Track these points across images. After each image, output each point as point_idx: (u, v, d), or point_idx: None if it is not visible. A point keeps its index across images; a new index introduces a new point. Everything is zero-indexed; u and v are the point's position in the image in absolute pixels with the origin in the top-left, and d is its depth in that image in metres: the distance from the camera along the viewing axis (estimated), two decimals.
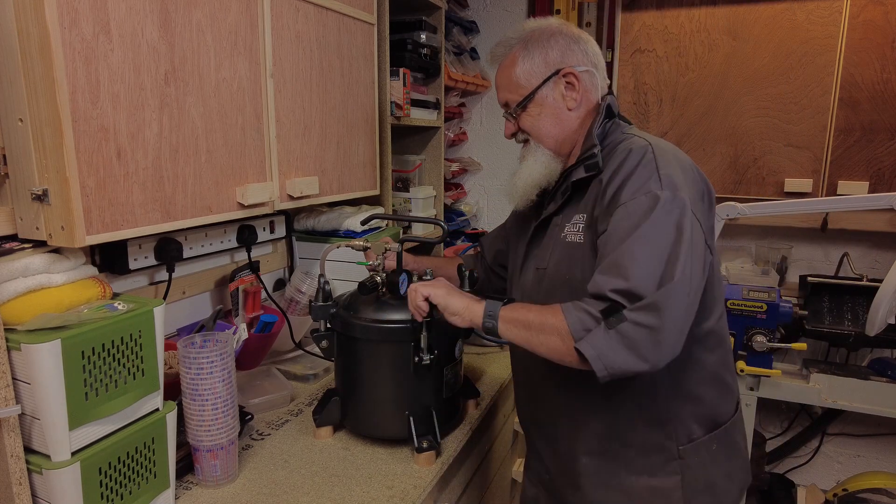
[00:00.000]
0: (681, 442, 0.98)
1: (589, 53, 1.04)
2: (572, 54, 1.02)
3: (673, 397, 0.98)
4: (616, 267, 0.83)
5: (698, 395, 0.99)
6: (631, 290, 0.81)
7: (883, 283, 1.42)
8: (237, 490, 1.00)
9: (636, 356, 0.81)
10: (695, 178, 0.92)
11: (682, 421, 0.98)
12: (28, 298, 0.81)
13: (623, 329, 0.81)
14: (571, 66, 1.02)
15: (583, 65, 1.03)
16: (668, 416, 0.98)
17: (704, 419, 1.00)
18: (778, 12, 1.93)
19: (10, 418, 0.75)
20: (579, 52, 1.03)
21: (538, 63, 1.02)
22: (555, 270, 1.01)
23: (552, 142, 1.04)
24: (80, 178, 0.80)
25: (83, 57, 0.79)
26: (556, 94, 1.03)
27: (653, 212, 0.84)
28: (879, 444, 2.09)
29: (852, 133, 1.91)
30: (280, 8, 1.13)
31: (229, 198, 1.05)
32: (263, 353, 1.35)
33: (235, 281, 1.34)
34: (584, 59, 1.03)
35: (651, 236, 0.83)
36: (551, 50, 1.02)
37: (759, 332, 1.65)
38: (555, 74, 1.02)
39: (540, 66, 1.02)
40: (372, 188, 1.52)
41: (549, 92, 1.03)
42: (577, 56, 1.03)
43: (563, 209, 1.03)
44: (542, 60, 1.02)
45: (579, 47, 1.03)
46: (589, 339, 0.83)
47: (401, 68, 1.65)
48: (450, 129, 2.26)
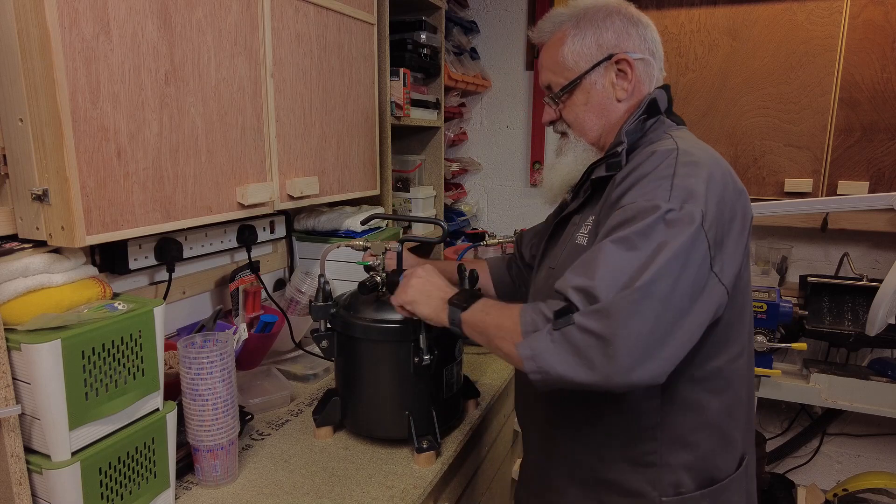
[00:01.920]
0: (665, 492, 0.87)
1: (647, 40, 0.93)
2: (629, 39, 0.92)
3: (662, 439, 0.86)
4: (586, 265, 0.76)
5: (693, 442, 0.86)
6: (590, 290, 0.73)
7: (883, 283, 1.42)
8: (237, 490, 1.00)
9: (581, 364, 0.73)
10: (725, 196, 0.79)
11: (670, 468, 0.87)
12: (28, 298, 0.81)
13: (568, 332, 0.73)
14: (626, 51, 0.91)
15: (639, 52, 0.92)
16: (655, 460, 0.87)
17: (698, 472, 0.87)
18: (778, 12, 1.93)
19: (10, 418, 0.75)
20: (637, 37, 0.92)
21: (590, 44, 0.92)
22: (560, 272, 0.90)
23: (594, 135, 0.95)
24: (80, 178, 0.80)
25: (83, 57, 0.79)
26: (606, 81, 0.92)
27: (645, 219, 0.75)
28: (879, 444, 2.09)
29: (852, 133, 1.91)
30: (280, 8, 1.13)
31: (229, 198, 1.05)
32: (263, 353, 1.35)
33: (235, 281, 1.34)
34: (641, 46, 0.92)
35: (633, 241, 0.74)
36: (606, 31, 0.92)
37: (760, 332, 1.65)
38: (606, 59, 0.91)
39: (591, 48, 0.92)
40: (372, 188, 1.52)
41: (598, 78, 0.93)
42: (634, 41, 0.92)
43: (583, 208, 0.96)
44: (594, 42, 0.92)
45: (637, 31, 0.92)
46: (530, 339, 0.77)
47: (401, 68, 1.65)
48: (450, 129, 2.27)
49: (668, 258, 0.72)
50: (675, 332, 0.72)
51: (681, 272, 0.72)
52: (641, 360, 0.71)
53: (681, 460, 0.87)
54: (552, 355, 0.74)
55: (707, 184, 0.77)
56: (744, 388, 0.90)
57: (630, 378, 0.71)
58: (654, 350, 0.71)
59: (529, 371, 0.77)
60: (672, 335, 0.72)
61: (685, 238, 0.73)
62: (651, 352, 0.71)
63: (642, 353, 0.71)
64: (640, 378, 0.71)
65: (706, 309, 0.75)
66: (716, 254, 0.76)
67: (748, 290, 0.88)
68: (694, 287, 0.73)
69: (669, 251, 0.72)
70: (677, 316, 0.72)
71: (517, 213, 2.42)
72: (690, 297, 0.73)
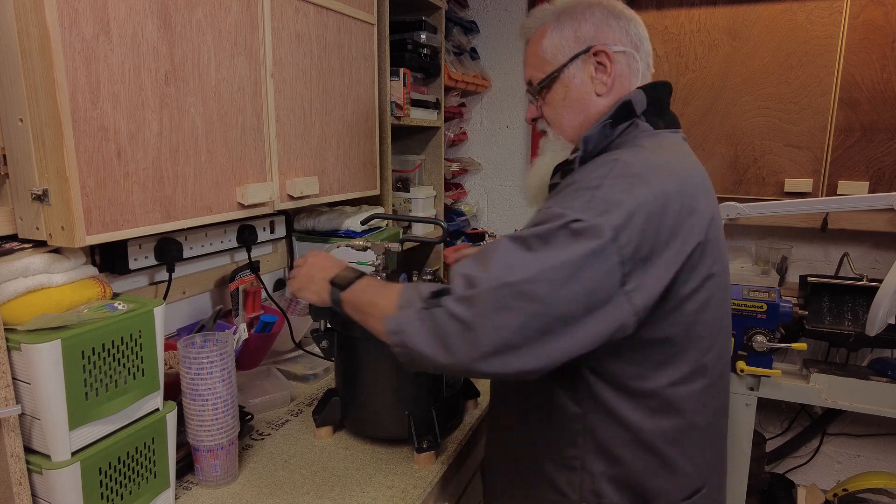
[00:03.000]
0: (585, 498, 0.85)
1: (630, 33, 0.89)
2: (609, 30, 0.88)
3: (585, 446, 0.85)
4: (483, 256, 0.76)
5: (618, 456, 0.83)
6: (473, 279, 0.73)
7: (883, 283, 1.41)
8: (237, 490, 1.00)
9: (441, 345, 0.73)
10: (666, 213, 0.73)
11: (591, 476, 0.85)
12: (28, 298, 0.81)
13: (436, 313, 0.74)
14: (605, 43, 0.88)
15: (620, 44, 0.88)
16: (577, 465, 0.85)
17: (624, 486, 0.84)
18: (778, 12, 1.93)
19: (10, 418, 0.75)
20: (618, 29, 0.88)
21: (568, 36, 0.89)
22: None
23: (572, 132, 0.92)
24: (80, 178, 0.80)
25: (83, 57, 0.79)
26: (585, 75, 0.89)
27: (549, 224, 0.73)
28: (879, 444, 2.09)
29: (852, 133, 1.91)
30: (280, 8, 1.13)
31: (229, 198, 1.05)
32: (263, 353, 1.35)
33: (235, 281, 1.34)
34: (622, 38, 0.88)
35: (530, 243, 0.73)
36: (584, 23, 0.89)
37: (759, 332, 1.65)
38: (584, 52, 0.88)
39: (569, 41, 0.89)
40: (372, 188, 1.52)
41: (576, 72, 0.89)
42: (615, 33, 0.88)
43: None
44: (572, 34, 0.89)
45: (619, 24, 0.89)
46: (399, 314, 0.78)
47: (401, 68, 1.64)
48: (450, 129, 2.26)
49: (557, 265, 0.70)
50: (554, 334, 0.71)
51: (568, 281, 0.70)
52: (501, 353, 0.71)
53: (603, 471, 0.84)
54: (416, 333, 0.75)
55: (637, 198, 0.72)
56: (700, 416, 0.84)
57: (486, 367, 0.72)
58: (520, 345, 0.70)
59: (392, 345, 0.78)
60: (550, 337, 0.71)
61: (584, 250, 0.70)
62: (516, 346, 0.70)
63: (503, 345, 0.70)
64: (497, 369, 0.72)
65: (604, 324, 0.72)
66: (632, 271, 0.72)
67: (709, 310, 0.81)
68: (590, 298, 0.71)
69: (559, 258, 0.70)
70: (560, 321, 0.71)
71: (517, 213, 2.42)
72: (585, 307, 0.71)
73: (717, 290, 0.82)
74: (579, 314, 0.71)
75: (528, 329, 0.70)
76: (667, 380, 0.81)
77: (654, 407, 0.81)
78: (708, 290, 0.80)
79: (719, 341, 0.86)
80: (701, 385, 0.83)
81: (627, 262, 0.71)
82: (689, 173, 0.80)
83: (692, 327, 0.80)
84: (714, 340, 0.84)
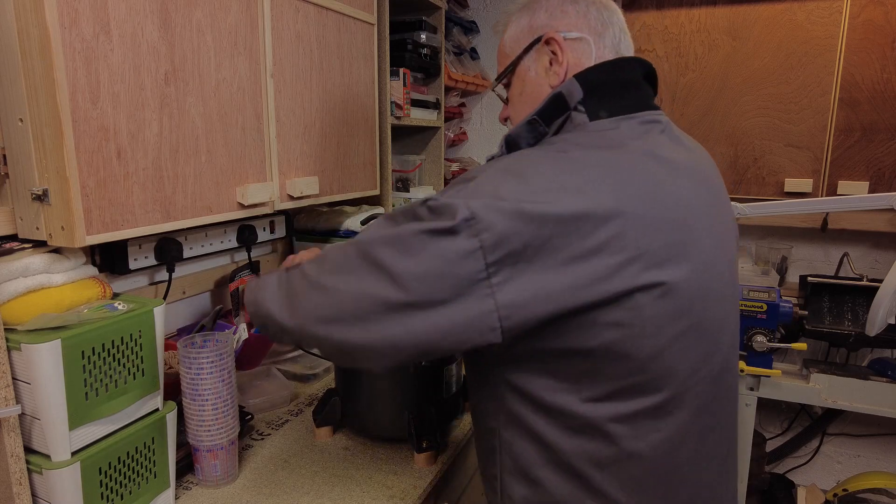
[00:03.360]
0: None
1: (590, 17, 0.80)
2: (563, 16, 0.80)
3: (502, 464, 0.77)
4: None
5: (536, 478, 0.73)
6: None
7: (883, 283, 1.41)
8: (237, 490, 1.00)
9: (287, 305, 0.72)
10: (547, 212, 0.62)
11: (510, 499, 0.77)
12: (28, 298, 0.81)
13: (292, 274, 0.75)
14: (558, 30, 0.79)
15: (576, 30, 0.79)
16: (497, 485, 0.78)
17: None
18: (778, 12, 1.93)
19: (10, 418, 0.75)
20: (574, 14, 0.80)
21: (524, 27, 0.83)
22: None
23: None
24: (80, 178, 0.80)
25: (83, 57, 0.79)
26: (540, 67, 0.81)
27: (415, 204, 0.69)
28: (879, 444, 2.09)
29: (852, 133, 1.91)
30: (280, 8, 1.13)
31: (229, 198, 1.05)
32: (263, 353, 1.35)
33: (235, 281, 1.34)
34: (580, 24, 0.79)
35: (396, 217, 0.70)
36: (539, 11, 0.82)
37: (759, 332, 1.65)
38: (537, 41, 0.81)
39: (524, 31, 0.83)
40: (372, 188, 1.52)
41: (531, 64, 0.82)
42: (570, 19, 0.80)
43: None
44: (527, 24, 0.83)
45: (576, 8, 0.80)
46: (264, 276, 0.79)
47: (401, 68, 1.65)
48: (450, 129, 2.27)
49: (406, 234, 0.65)
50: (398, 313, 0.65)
51: (415, 253, 0.64)
52: (341, 321, 0.67)
53: (522, 494, 0.76)
54: (270, 292, 0.75)
55: (511, 192, 0.64)
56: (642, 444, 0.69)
57: (328, 333, 0.68)
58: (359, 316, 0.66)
59: (246, 302, 0.78)
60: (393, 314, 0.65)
61: (435, 226, 0.64)
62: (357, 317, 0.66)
63: (344, 311, 0.67)
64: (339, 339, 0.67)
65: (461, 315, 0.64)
66: (501, 265, 0.63)
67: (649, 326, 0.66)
68: (442, 281, 0.63)
69: (410, 228, 0.65)
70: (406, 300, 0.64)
71: None
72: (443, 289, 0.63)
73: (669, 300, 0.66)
74: (431, 297, 0.64)
75: (371, 299, 0.65)
76: (584, 396, 0.69)
77: (572, 426, 0.70)
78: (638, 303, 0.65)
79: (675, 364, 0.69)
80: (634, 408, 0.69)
81: (491, 250, 0.62)
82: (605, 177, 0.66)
83: (612, 343, 0.66)
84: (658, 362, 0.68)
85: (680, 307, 0.68)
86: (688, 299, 0.68)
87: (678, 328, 0.68)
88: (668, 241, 0.66)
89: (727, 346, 0.76)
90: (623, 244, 0.64)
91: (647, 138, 0.73)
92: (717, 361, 0.74)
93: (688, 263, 0.68)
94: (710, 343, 0.72)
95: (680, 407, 0.71)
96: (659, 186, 0.69)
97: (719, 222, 0.76)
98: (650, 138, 0.74)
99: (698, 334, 0.71)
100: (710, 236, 0.72)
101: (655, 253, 0.65)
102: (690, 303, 0.69)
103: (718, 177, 0.85)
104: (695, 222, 0.70)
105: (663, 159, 0.72)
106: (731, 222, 0.84)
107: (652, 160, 0.70)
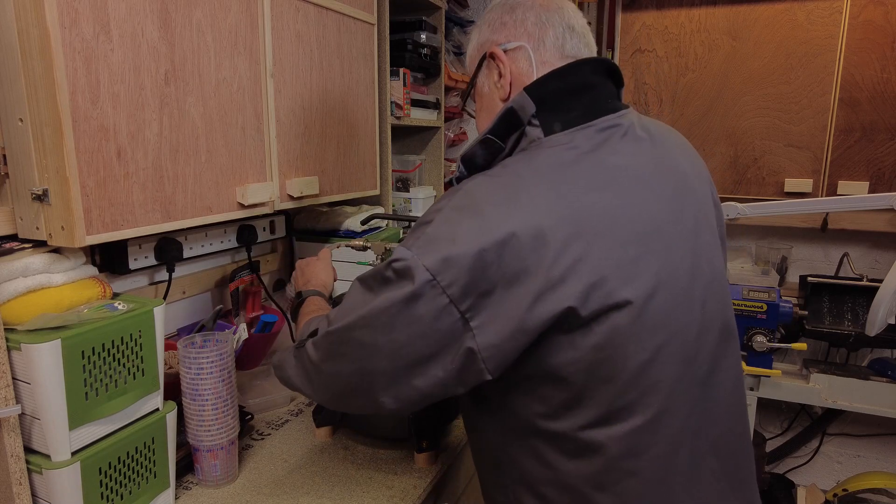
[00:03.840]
0: None
1: (528, 23, 0.78)
2: (502, 29, 0.80)
3: (510, 480, 0.78)
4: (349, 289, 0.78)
5: (543, 495, 0.74)
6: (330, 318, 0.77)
7: (883, 283, 1.41)
8: (237, 490, 1.00)
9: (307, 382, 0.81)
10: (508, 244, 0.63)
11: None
12: (28, 298, 0.81)
13: (300, 354, 0.82)
14: (497, 43, 0.80)
15: (514, 40, 0.79)
16: (510, 494, 0.79)
17: None
18: (778, 12, 1.93)
19: (10, 418, 0.75)
20: (511, 24, 0.79)
21: (475, 45, 0.85)
22: None
23: None
24: (80, 178, 0.80)
25: (83, 57, 0.79)
26: (490, 82, 0.82)
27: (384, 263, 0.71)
28: (879, 444, 2.09)
29: (852, 133, 1.91)
30: (280, 8, 1.13)
31: (229, 198, 1.05)
32: (264, 353, 1.35)
33: (235, 281, 1.34)
34: (516, 32, 0.79)
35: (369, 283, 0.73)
36: (483, 29, 0.83)
37: (759, 332, 1.65)
38: (483, 59, 0.83)
39: (475, 49, 0.85)
40: (372, 188, 1.52)
41: (484, 80, 0.84)
42: (508, 30, 0.80)
43: None
44: (476, 42, 0.85)
45: (513, 17, 0.79)
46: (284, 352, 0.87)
47: (401, 68, 1.65)
48: (450, 129, 2.27)
49: (381, 309, 0.68)
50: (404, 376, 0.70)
51: (394, 325, 0.67)
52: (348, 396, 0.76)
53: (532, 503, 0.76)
54: (290, 369, 0.84)
55: (466, 233, 0.64)
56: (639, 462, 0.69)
57: (346, 408, 0.80)
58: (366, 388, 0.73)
59: (277, 377, 0.88)
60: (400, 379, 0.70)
61: (403, 294, 0.65)
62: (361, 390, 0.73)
63: (346, 389, 0.75)
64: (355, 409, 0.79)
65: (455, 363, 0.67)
66: (474, 308, 0.64)
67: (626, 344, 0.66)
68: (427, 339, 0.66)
69: (378, 304, 0.68)
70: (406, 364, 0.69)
71: None
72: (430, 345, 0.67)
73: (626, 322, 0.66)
74: (422, 354, 0.68)
75: (370, 374, 0.71)
76: (579, 422, 0.69)
77: (570, 449, 0.70)
78: (613, 323, 0.66)
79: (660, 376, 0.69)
80: (628, 428, 0.68)
81: (461, 299, 0.64)
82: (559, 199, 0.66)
83: (596, 366, 0.67)
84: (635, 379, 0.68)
85: (653, 321, 0.68)
86: (661, 312, 0.68)
87: (656, 341, 0.68)
88: (631, 257, 0.67)
89: (713, 345, 0.75)
90: (587, 267, 0.64)
91: (605, 147, 0.72)
92: (703, 362, 0.73)
93: (652, 277, 0.68)
94: (691, 348, 0.72)
95: (672, 416, 0.70)
96: (617, 201, 0.68)
97: (690, 216, 0.75)
98: (609, 146, 0.73)
99: (679, 341, 0.70)
100: (679, 238, 0.72)
101: (621, 270, 0.66)
102: (665, 315, 0.69)
103: (692, 160, 0.83)
104: (658, 230, 0.70)
105: (622, 168, 0.71)
106: (708, 207, 0.82)
107: (608, 173, 0.70)
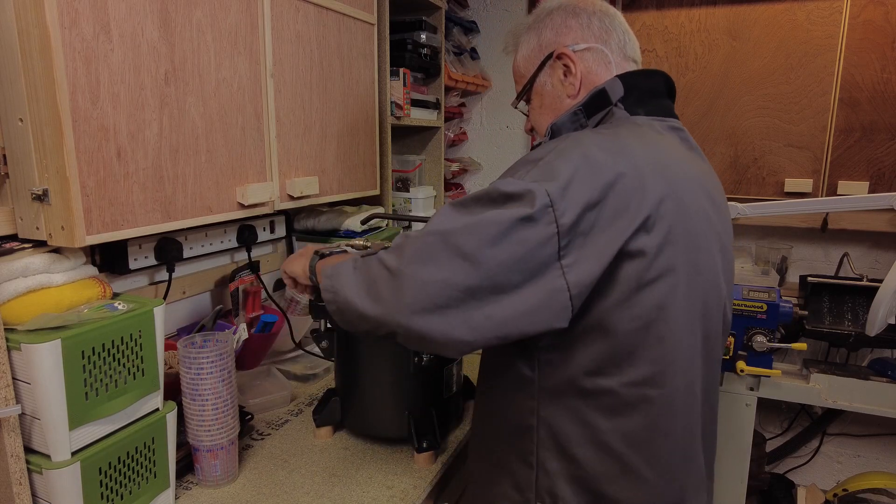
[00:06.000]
0: (541, 497, 0.80)
1: (593, 27, 0.87)
2: (568, 31, 0.88)
3: (539, 442, 0.79)
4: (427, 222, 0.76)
5: (574, 455, 0.76)
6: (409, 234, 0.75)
7: (883, 283, 1.41)
8: (237, 490, 1.00)
9: (368, 293, 0.73)
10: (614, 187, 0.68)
11: (546, 474, 0.79)
12: (28, 298, 0.81)
13: (368, 261, 0.75)
14: (566, 45, 0.87)
15: (582, 42, 0.87)
16: (533, 461, 0.80)
17: (583, 487, 0.77)
18: (778, 12, 1.93)
19: (10, 418, 0.75)
20: (577, 28, 0.87)
21: (534, 47, 0.91)
22: None
23: None
24: (80, 178, 0.80)
25: (83, 57, 0.79)
26: (555, 80, 0.89)
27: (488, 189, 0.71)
28: (879, 444, 2.09)
29: (852, 133, 1.91)
30: (280, 8, 1.13)
31: (229, 198, 1.05)
32: (263, 353, 1.35)
33: (235, 281, 1.34)
34: (583, 35, 0.87)
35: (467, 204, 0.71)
36: (545, 30, 0.89)
37: (759, 332, 1.64)
38: (548, 58, 0.89)
39: (535, 51, 0.91)
40: (372, 188, 1.52)
41: (546, 79, 0.90)
42: (575, 32, 0.87)
43: None
44: (536, 43, 0.90)
45: (578, 21, 0.87)
46: (338, 264, 0.79)
47: (401, 68, 1.65)
48: (450, 129, 2.26)
49: (487, 222, 0.67)
50: (482, 300, 0.67)
51: (497, 241, 0.66)
52: (426, 311, 0.68)
53: (559, 469, 0.78)
54: (347, 279, 0.76)
55: (579, 170, 0.68)
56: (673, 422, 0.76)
57: (409, 322, 0.69)
58: (445, 305, 0.68)
59: (323, 290, 0.79)
60: (477, 302, 0.67)
61: (517, 214, 0.66)
62: (441, 305, 0.68)
63: (427, 301, 0.68)
64: (422, 327, 0.69)
65: (537, 296, 0.67)
66: (570, 245, 0.67)
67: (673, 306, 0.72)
68: (521, 265, 0.67)
69: (491, 218, 0.67)
70: (489, 285, 0.67)
71: None
72: (516, 274, 0.67)
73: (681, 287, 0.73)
74: (510, 281, 0.67)
75: (454, 287, 0.67)
76: (620, 380, 0.74)
77: (607, 407, 0.75)
78: (667, 285, 0.72)
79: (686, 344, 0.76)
80: (670, 391, 0.75)
81: (565, 233, 0.66)
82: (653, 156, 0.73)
83: (653, 324, 0.72)
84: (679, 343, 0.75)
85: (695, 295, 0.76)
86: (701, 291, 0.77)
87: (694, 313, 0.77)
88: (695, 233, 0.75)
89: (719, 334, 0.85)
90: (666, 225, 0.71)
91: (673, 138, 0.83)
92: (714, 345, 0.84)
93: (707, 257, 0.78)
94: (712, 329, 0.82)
95: (695, 384, 0.79)
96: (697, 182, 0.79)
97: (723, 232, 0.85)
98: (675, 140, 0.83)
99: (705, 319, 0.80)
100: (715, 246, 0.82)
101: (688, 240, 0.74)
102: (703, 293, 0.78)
103: (722, 193, 0.92)
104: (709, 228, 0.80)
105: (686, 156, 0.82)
106: (730, 229, 0.91)
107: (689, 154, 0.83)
